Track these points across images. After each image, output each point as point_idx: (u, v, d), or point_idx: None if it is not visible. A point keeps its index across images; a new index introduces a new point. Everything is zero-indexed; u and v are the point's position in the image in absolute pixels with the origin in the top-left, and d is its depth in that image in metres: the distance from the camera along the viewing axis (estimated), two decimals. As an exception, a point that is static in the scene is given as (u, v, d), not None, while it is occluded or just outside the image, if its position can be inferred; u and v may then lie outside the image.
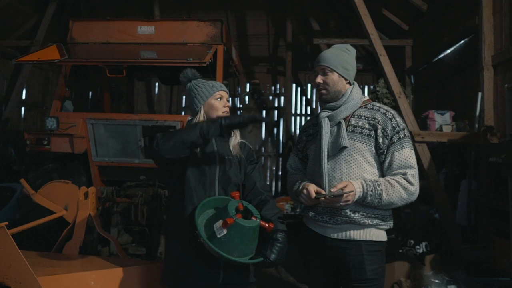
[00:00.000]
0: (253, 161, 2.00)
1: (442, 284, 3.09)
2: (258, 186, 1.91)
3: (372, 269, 1.73)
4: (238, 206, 1.72)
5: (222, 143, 1.94)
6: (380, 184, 1.71)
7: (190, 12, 7.80)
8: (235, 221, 1.63)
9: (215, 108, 1.94)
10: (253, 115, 1.65)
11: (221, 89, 1.97)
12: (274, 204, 1.87)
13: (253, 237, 1.71)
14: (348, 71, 1.86)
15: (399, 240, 3.89)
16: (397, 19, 6.60)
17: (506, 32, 3.62)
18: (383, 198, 1.70)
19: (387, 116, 1.78)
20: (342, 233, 1.76)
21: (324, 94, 1.86)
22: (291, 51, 7.70)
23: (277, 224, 1.76)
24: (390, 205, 1.73)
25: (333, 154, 1.80)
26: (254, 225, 1.68)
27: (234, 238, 1.63)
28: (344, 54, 1.87)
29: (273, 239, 1.72)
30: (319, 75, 1.86)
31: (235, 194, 1.79)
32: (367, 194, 1.69)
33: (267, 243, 1.72)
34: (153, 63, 3.88)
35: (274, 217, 1.77)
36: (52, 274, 1.98)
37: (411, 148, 1.77)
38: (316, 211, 1.83)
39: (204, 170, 1.86)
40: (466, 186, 3.84)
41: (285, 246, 1.74)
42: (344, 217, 1.75)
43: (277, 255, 1.69)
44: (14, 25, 6.86)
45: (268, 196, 1.89)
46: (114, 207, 3.60)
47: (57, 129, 3.68)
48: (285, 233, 1.77)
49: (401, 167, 1.73)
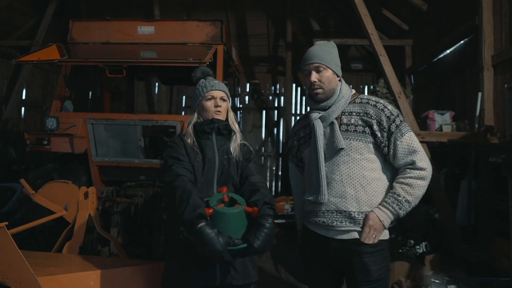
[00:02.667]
0: (249, 159, 1.98)
1: (442, 284, 3.09)
2: (251, 179, 1.87)
3: (377, 269, 1.72)
4: (222, 198, 1.72)
5: (223, 142, 1.93)
6: (398, 192, 1.69)
7: (190, 12, 7.81)
8: (215, 210, 1.63)
9: (206, 109, 1.95)
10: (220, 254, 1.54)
11: (212, 89, 1.95)
12: (265, 192, 1.78)
13: (238, 223, 1.66)
14: (338, 67, 1.84)
15: (399, 240, 3.89)
16: (397, 19, 6.60)
17: (506, 32, 3.62)
18: (410, 201, 1.69)
19: (378, 108, 1.75)
20: (346, 234, 1.74)
21: (320, 93, 1.80)
22: (291, 51, 7.70)
23: (263, 208, 1.69)
24: (419, 198, 1.73)
25: (330, 156, 1.76)
26: (235, 211, 1.64)
27: (218, 228, 1.61)
28: (333, 51, 1.85)
29: (259, 224, 1.64)
30: (313, 73, 1.80)
31: (222, 189, 1.78)
32: (397, 212, 1.69)
33: (252, 228, 1.65)
34: (153, 63, 3.87)
35: (259, 201, 1.71)
36: (52, 274, 1.99)
37: (410, 131, 1.75)
38: (318, 214, 1.80)
39: (203, 170, 1.86)
40: (466, 186, 3.84)
41: (272, 232, 1.65)
42: (347, 218, 1.73)
43: (262, 241, 1.60)
44: (14, 25, 6.86)
45: (260, 186, 1.82)
46: (114, 207, 3.60)
47: (57, 129, 3.68)
48: (272, 218, 1.69)
49: (407, 154, 1.71)
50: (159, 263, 2.44)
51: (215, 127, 1.91)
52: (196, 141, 1.91)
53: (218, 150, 1.90)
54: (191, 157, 1.86)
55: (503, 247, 3.09)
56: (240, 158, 1.94)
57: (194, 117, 1.97)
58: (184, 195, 1.66)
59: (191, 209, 1.60)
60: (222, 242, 1.55)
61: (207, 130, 1.91)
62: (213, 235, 1.55)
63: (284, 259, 4.36)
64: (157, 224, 3.51)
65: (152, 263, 2.56)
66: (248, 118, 8.77)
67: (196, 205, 1.61)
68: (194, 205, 1.61)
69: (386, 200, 1.71)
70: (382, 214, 1.69)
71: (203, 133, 1.91)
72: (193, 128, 1.94)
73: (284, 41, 7.92)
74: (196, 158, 1.86)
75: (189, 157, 1.86)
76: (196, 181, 1.83)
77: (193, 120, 1.96)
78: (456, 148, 4.25)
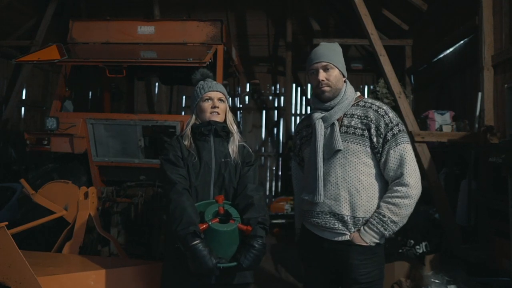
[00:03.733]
0: (250, 163, 1.97)
1: (442, 284, 3.09)
2: (248, 190, 1.87)
3: (368, 271, 1.71)
4: (218, 210, 1.74)
5: (221, 144, 1.93)
6: (383, 213, 1.68)
7: (190, 12, 7.81)
8: (209, 226, 1.65)
9: (203, 110, 1.95)
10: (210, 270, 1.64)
11: (209, 90, 1.95)
12: (260, 208, 1.80)
13: (231, 240, 1.69)
14: (344, 68, 1.85)
15: (399, 240, 3.89)
16: (397, 19, 6.60)
17: (506, 32, 3.62)
18: (396, 221, 1.68)
19: (379, 113, 1.74)
20: (339, 236, 1.75)
21: (327, 91, 1.80)
22: (291, 51, 7.70)
23: (256, 228, 1.72)
24: (407, 217, 1.71)
25: (328, 157, 1.76)
26: (229, 229, 1.67)
27: (211, 242, 1.65)
28: (338, 51, 1.86)
29: (249, 245, 1.68)
30: (321, 71, 1.80)
31: (218, 198, 1.79)
32: (382, 233, 1.68)
33: (243, 248, 1.69)
34: (153, 63, 3.87)
35: (253, 220, 1.72)
36: (52, 274, 1.99)
37: (406, 143, 1.72)
38: (313, 214, 1.81)
39: (200, 172, 1.86)
40: (466, 186, 3.84)
41: (261, 253, 1.70)
42: (339, 220, 1.74)
43: (251, 262, 1.66)
44: (14, 25, 6.86)
45: (256, 199, 1.82)
46: (114, 207, 3.60)
47: (57, 129, 3.68)
48: (263, 239, 1.73)
49: (398, 166, 1.69)
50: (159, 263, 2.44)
51: (212, 129, 1.91)
52: (193, 143, 1.91)
53: (215, 153, 1.90)
54: (187, 160, 1.86)
55: (503, 247, 3.09)
56: (239, 161, 1.94)
57: (192, 118, 1.97)
58: (178, 210, 1.68)
59: (185, 225, 1.63)
60: (214, 261, 1.61)
61: (204, 132, 1.90)
62: (205, 253, 1.60)
63: (284, 259, 4.36)
64: (157, 224, 3.51)
65: (152, 263, 2.56)
66: (248, 118, 8.77)
67: (191, 222, 1.64)
68: (189, 221, 1.64)
69: (371, 220, 1.70)
70: (366, 236, 1.70)
71: (200, 135, 1.91)
72: (190, 130, 1.94)
73: (284, 41, 7.92)
74: (192, 161, 1.86)
75: (185, 160, 1.86)
76: (190, 184, 1.83)
77: (191, 122, 1.96)
78: (456, 148, 4.25)
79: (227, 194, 1.88)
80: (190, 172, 1.85)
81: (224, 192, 1.88)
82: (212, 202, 1.81)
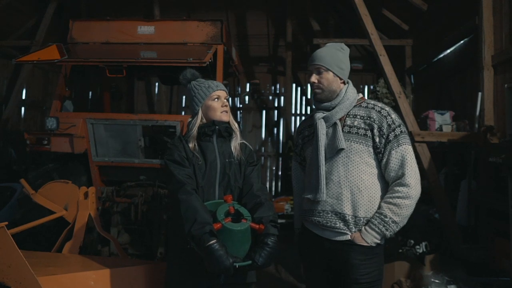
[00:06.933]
0: (253, 163, 1.98)
1: (442, 284, 3.09)
2: (254, 189, 1.88)
3: (367, 272, 1.72)
4: (228, 210, 1.73)
5: (224, 144, 1.93)
6: (384, 213, 1.69)
7: (190, 12, 7.80)
8: (223, 225, 1.65)
9: (213, 108, 1.93)
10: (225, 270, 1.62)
11: (217, 89, 1.94)
12: (269, 207, 1.82)
13: (244, 239, 1.70)
14: (343, 70, 1.85)
15: (399, 240, 3.89)
16: (397, 19, 6.59)
17: (506, 32, 3.62)
18: (397, 221, 1.69)
19: (382, 114, 1.76)
20: (339, 236, 1.76)
21: (318, 93, 1.84)
22: (291, 51, 7.69)
23: (268, 227, 1.73)
24: (407, 217, 1.72)
25: (330, 156, 1.78)
26: (242, 228, 1.67)
27: (225, 241, 1.64)
28: (339, 53, 1.85)
29: (263, 243, 1.69)
30: (313, 74, 1.84)
31: (227, 198, 1.79)
32: (384, 233, 1.69)
33: (257, 246, 1.70)
34: (153, 63, 3.87)
35: (265, 219, 1.74)
36: (52, 274, 1.99)
37: (408, 144, 1.73)
38: (314, 213, 1.82)
39: (205, 172, 1.86)
40: (466, 186, 3.84)
41: (275, 251, 1.71)
42: (341, 220, 1.74)
43: (265, 260, 1.66)
44: (14, 25, 6.85)
45: (264, 199, 1.84)
46: (114, 207, 3.60)
47: (57, 129, 3.68)
48: (276, 237, 1.73)
49: (399, 166, 1.70)
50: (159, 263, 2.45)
51: (216, 130, 1.90)
52: (197, 144, 1.90)
53: (219, 153, 1.89)
54: (192, 160, 1.85)
55: (503, 247, 3.09)
56: (242, 158, 1.94)
57: (199, 118, 1.93)
58: (190, 210, 1.67)
59: (200, 225, 1.62)
60: (230, 260, 1.60)
61: (208, 133, 1.90)
62: (222, 252, 1.59)
63: (284, 259, 4.36)
64: (157, 224, 3.51)
65: (152, 263, 2.56)
66: (248, 118, 8.77)
67: (205, 222, 1.63)
68: (203, 222, 1.63)
69: (372, 220, 1.71)
70: (368, 236, 1.70)
71: (204, 136, 1.91)
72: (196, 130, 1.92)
73: (284, 41, 7.92)
74: (197, 161, 1.86)
75: (189, 160, 1.85)
76: (197, 184, 1.83)
77: (197, 122, 1.92)
78: (456, 148, 4.25)
79: (233, 194, 1.88)
80: (196, 173, 1.84)
81: (230, 192, 1.87)
82: (220, 202, 1.81)
